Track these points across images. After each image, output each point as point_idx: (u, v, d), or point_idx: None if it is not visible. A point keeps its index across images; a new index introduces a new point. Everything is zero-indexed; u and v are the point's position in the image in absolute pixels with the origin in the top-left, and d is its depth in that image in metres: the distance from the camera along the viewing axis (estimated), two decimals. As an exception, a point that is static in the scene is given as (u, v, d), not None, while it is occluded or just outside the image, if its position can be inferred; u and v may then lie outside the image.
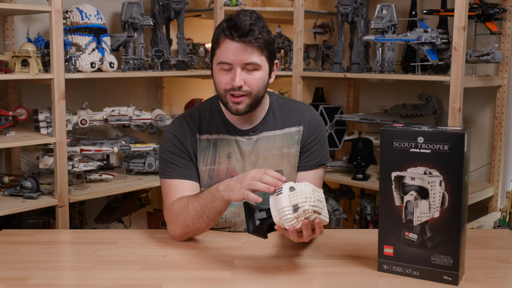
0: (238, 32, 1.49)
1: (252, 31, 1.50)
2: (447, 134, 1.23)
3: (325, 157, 1.71)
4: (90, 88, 2.96)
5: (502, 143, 2.69)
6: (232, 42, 1.50)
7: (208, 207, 1.46)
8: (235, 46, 1.50)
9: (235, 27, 1.50)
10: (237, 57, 1.50)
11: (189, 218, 1.50)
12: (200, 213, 1.48)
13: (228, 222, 1.67)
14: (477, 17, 2.54)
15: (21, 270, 1.36)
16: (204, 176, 1.64)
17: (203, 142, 1.65)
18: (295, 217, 1.25)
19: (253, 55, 1.51)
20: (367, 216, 2.89)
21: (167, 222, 1.57)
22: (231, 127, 1.65)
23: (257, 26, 1.51)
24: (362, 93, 3.36)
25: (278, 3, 3.57)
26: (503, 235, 1.68)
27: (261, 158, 1.65)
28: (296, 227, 1.27)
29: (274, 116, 1.68)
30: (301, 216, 1.25)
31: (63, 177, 2.40)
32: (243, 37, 1.49)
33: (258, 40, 1.51)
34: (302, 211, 1.25)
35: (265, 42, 1.53)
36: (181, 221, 1.52)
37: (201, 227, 1.52)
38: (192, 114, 1.68)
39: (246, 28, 1.49)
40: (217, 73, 1.56)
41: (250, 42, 1.50)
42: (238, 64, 1.51)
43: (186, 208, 1.50)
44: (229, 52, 1.51)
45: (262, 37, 1.52)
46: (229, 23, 1.51)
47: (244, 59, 1.51)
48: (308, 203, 1.25)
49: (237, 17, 1.51)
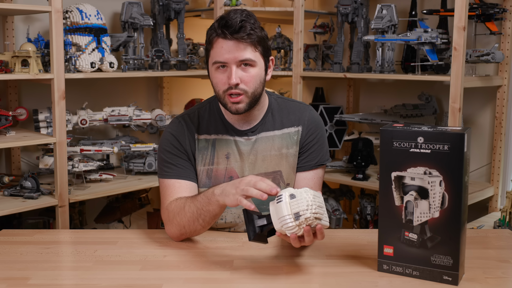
0: (229, 29, 1.49)
1: (243, 27, 1.49)
2: (447, 134, 1.23)
3: (324, 157, 1.71)
4: (90, 88, 2.96)
5: (502, 143, 2.69)
6: (224, 40, 1.50)
7: (203, 210, 1.46)
8: (228, 44, 1.50)
9: (226, 25, 1.50)
10: (231, 55, 1.50)
11: (185, 219, 1.50)
12: (196, 215, 1.48)
13: (228, 223, 1.67)
14: (477, 17, 2.54)
15: (21, 270, 1.35)
16: (203, 176, 1.64)
17: (202, 142, 1.65)
18: (296, 225, 1.24)
19: (246, 51, 1.51)
20: (367, 216, 2.89)
21: (164, 222, 1.57)
22: (230, 127, 1.65)
23: (248, 22, 1.51)
24: (362, 93, 3.36)
25: (278, 3, 3.57)
26: (503, 235, 1.68)
27: (260, 158, 1.65)
28: (298, 234, 1.27)
29: (273, 116, 1.68)
30: (302, 223, 1.25)
31: (63, 177, 2.40)
32: (235, 34, 1.49)
33: (251, 36, 1.51)
34: (303, 219, 1.24)
35: (258, 37, 1.52)
36: (178, 222, 1.52)
37: (197, 229, 1.52)
38: (191, 114, 1.68)
39: (237, 24, 1.49)
40: (213, 74, 1.56)
41: (242, 38, 1.50)
42: (232, 62, 1.51)
43: (183, 210, 1.50)
44: (223, 51, 1.51)
45: (254, 32, 1.51)
46: (220, 22, 1.51)
47: (238, 56, 1.51)
48: (309, 210, 1.24)
49: (227, 15, 1.52)
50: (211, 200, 1.44)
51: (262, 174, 1.65)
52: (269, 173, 1.66)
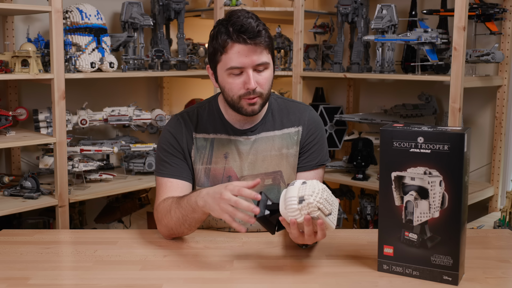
0: (248, 34, 1.48)
1: (260, 32, 1.50)
2: (447, 134, 1.23)
3: (324, 157, 1.71)
4: (90, 88, 2.96)
5: (502, 143, 2.69)
6: (241, 45, 1.49)
7: (188, 217, 1.46)
8: (245, 48, 1.49)
9: (241, 30, 1.48)
10: (249, 59, 1.50)
11: (172, 223, 1.51)
12: (181, 220, 1.49)
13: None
14: (477, 17, 2.54)
15: (21, 270, 1.35)
16: (201, 175, 1.65)
17: (200, 141, 1.65)
18: (298, 208, 1.25)
19: (262, 55, 1.52)
20: (367, 216, 2.89)
21: (155, 220, 1.59)
22: (229, 127, 1.65)
23: (261, 26, 1.52)
24: (362, 93, 3.36)
25: (278, 3, 3.57)
26: (503, 235, 1.68)
27: (260, 158, 1.65)
28: (298, 220, 1.27)
29: (273, 116, 1.68)
30: (304, 209, 1.25)
31: (63, 177, 2.40)
32: (253, 39, 1.49)
33: (266, 40, 1.52)
34: (306, 204, 1.25)
35: (270, 40, 1.55)
36: (165, 223, 1.53)
37: (184, 231, 1.53)
38: (190, 112, 1.68)
39: (255, 30, 1.49)
40: (225, 79, 1.55)
41: (260, 43, 1.50)
42: (249, 66, 1.51)
43: (169, 213, 1.50)
44: (240, 56, 1.50)
45: (268, 35, 1.53)
46: (234, 27, 1.48)
47: (256, 60, 1.51)
48: (313, 197, 1.25)
49: (239, 19, 1.50)
50: (195, 209, 1.43)
51: (262, 174, 1.65)
52: (269, 173, 1.66)
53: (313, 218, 1.27)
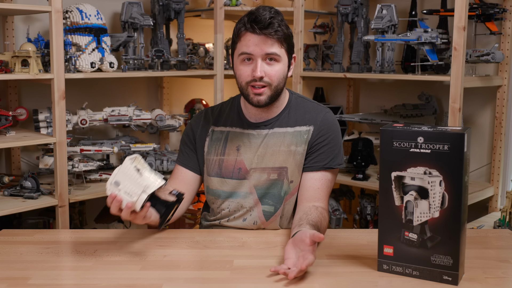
0: (258, 25, 1.56)
1: (272, 24, 1.57)
2: (447, 134, 1.23)
3: (335, 161, 1.69)
4: (90, 88, 2.96)
5: (502, 143, 2.69)
6: (252, 34, 1.58)
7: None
8: (256, 38, 1.57)
9: (255, 21, 1.57)
10: (258, 48, 1.57)
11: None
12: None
13: (232, 211, 1.70)
14: (477, 17, 2.54)
15: (21, 270, 1.36)
16: (215, 165, 1.72)
17: (217, 133, 1.74)
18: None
19: (273, 47, 1.59)
20: (367, 216, 2.89)
21: None
22: (245, 121, 1.72)
23: (276, 19, 1.58)
24: (362, 93, 3.37)
25: (278, 3, 3.57)
26: (503, 235, 1.68)
27: (269, 152, 1.68)
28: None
29: (289, 113, 1.72)
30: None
31: (63, 177, 2.40)
32: (263, 30, 1.57)
33: (278, 33, 1.58)
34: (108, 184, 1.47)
35: (284, 35, 1.60)
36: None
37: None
38: (214, 107, 1.81)
39: (266, 21, 1.56)
40: (238, 65, 1.63)
41: (270, 34, 1.57)
42: (259, 54, 1.58)
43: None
44: (250, 44, 1.58)
45: (281, 29, 1.59)
46: (250, 17, 1.58)
47: (265, 49, 1.58)
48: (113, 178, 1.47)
49: (257, 11, 1.59)
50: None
51: (269, 168, 1.67)
52: (275, 168, 1.67)
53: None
